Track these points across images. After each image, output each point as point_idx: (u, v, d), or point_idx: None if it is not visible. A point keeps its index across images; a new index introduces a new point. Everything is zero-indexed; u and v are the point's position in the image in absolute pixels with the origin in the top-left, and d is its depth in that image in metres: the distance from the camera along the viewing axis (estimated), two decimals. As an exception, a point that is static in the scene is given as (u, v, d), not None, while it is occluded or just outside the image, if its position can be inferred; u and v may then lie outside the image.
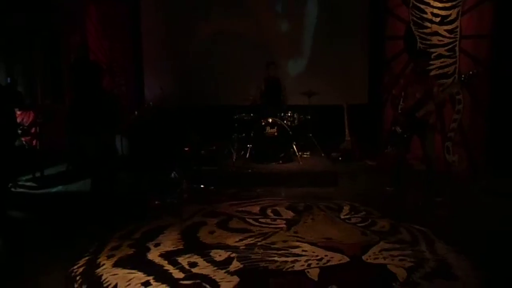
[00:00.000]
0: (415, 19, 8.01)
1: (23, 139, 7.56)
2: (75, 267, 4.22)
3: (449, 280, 3.91)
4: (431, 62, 7.56)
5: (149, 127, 8.59)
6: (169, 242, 4.76)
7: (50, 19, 8.65)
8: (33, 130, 7.73)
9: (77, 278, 4.02)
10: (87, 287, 3.85)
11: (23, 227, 5.54)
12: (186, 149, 8.16)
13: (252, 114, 8.35)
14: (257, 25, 10.01)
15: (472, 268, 4.10)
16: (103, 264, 4.26)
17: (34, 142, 7.75)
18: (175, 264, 4.20)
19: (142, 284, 3.84)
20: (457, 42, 7.73)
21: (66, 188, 7.24)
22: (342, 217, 5.52)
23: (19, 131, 7.17)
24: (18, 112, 7.24)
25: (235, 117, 8.42)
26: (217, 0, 10.12)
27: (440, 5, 7.75)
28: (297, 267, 4.06)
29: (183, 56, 10.16)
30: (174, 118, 9.07)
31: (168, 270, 4.09)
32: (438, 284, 3.84)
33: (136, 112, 5.77)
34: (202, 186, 7.15)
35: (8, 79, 7.93)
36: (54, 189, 7.18)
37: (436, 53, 7.79)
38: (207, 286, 3.76)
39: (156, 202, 6.29)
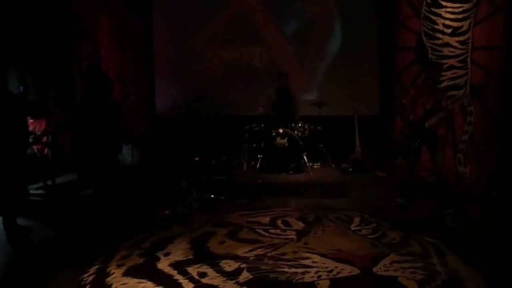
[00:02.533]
0: (426, 30, 8.00)
1: (34, 147, 7.60)
2: (85, 275, 4.23)
3: (460, 293, 3.88)
4: (442, 74, 7.57)
5: (160, 136, 8.62)
6: (179, 251, 4.76)
7: (63, 28, 8.71)
8: (44, 138, 7.77)
9: (87, 286, 4.02)
10: (97, 296, 3.86)
11: (34, 235, 5.55)
12: (197, 158, 8.17)
13: (262, 125, 8.36)
14: (268, 36, 10.02)
15: (483, 281, 4.06)
16: (113, 273, 4.26)
17: (45, 150, 7.78)
18: (184, 274, 4.19)
19: (152, 293, 3.85)
20: (469, 53, 7.71)
21: (76, 197, 7.27)
22: (352, 228, 5.49)
23: (31, 140, 7.21)
24: (30, 121, 7.28)
25: (246, 127, 8.43)
26: (229, 12, 10.13)
27: (452, 16, 7.75)
28: (307, 278, 4.04)
29: (194, 66, 10.20)
30: (185, 128, 9.09)
31: (177, 280, 4.08)
32: (449, 297, 3.81)
33: (145, 126, 5.82)
34: (212, 196, 7.15)
35: (21, 87, 7.98)
36: (65, 198, 7.21)
37: (448, 64, 7.78)
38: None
39: (166, 212, 6.30)
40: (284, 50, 10.07)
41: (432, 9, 7.88)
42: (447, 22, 7.78)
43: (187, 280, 4.06)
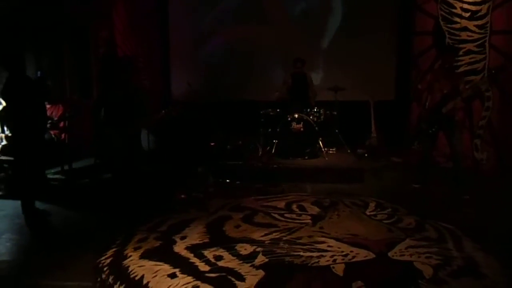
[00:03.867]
0: (444, 14, 7.89)
1: (52, 132, 7.68)
2: (103, 258, 4.29)
3: (476, 278, 3.86)
4: (460, 58, 7.50)
5: (176, 122, 8.66)
6: (195, 235, 4.79)
7: (79, 14, 8.74)
8: (61, 124, 7.85)
9: (105, 269, 4.08)
10: (114, 277, 3.90)
11: (52, 219, 5.63)
12: (212, 144, 8.20)
13: (278, 110, 8.35)
14: (283, 21, 9.98)
15: (500, 267, 4.05)
16: (130, 256, 4.31)
17: (63, 135, 7.86)
18: (201, 257, 4.22)
19: (168, 276, 3.88)
20: (487, 38, 7.60)
21: (94, 181, 7.35)
22: (368, 213, 5.49)
23: (48, 125, 7.29)
24: (48, 106, 7.34)
25: (262, 112, 8.44)
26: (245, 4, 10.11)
27: (470, 0, 7.63)
28: (322, 262, 4.05)
29: (210, 51, 10.20)
30: (201, 113, 9.13)
31: (194, 262, 4.12)
32: (465, 282, 3.79)
33: (163, 111, 5.85)
34: (228, 180, 7.19)
35: (39, 72, 8.05)
36: (82, 182, 7.29)
37: (465, 49, 7.68)
38: (233, 279, 3.78)
39: (183, 196, 6.36)
40: (299, 35, 10.00)
41: (450, -8, 7.78)
42: (465, 6, 7.66)
43: (203, 263, 4.09)
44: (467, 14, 7.67)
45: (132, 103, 5.81)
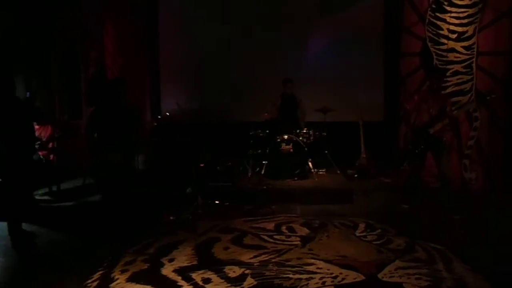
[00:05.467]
0: (431, 35, 7.98)
1: (40, 153, 7.62)
2: (89, 281, 4.23)
3: (466, 299, 3.85)
4: (448, 79, 7.56)
5: (165, 142, 8.65)
6: (183, 257, 4.75)
7: (68, 35, 8.75)
8: (50, 144, 7.80)
9: (91, 292, 4.03)
10: (101, 302, 3.86)
11: (38, 241, 5.56)
12: (202, 165, 8.18)
13: (267, 131, 8.37)
14: (273, 43, 10.03)
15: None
16: (117, 279, 4.26)
17: (51, 156, 7.81)
18: (189, 280, 4.18)
19: (156, 299, 3.84)
20: (474, 59, 7.68)
21: (81, 203, 7.29)
22: (357, 234, 5.47)
23: (37, 146, 7.24)
24: (36, 127, 7.30)
25: (251, 133, 8.45)
26: (234, 19, 10.15)
27: (456, 21, 7.72)
28: (312, 284, 4.02)
29: (200, 72, 10.22)
30: (190, 134, 9.10)
31: (182, 286, 4.08)
32: (455, 303, 3.78)
33: (154, 124, 5.84)
34: (217, 202, 7.14)
35: (28, 93, 8.02)
36: (70, 203, 7.23)
37: (453, 70, 7.75)
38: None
39: (171, 218, 6.31)
40: (289, 57, 10.07)
41: (437, 14, 7.86)
42: (452, 27, 7.75)
43: (191, 286, 4.06)
44: (454, 36, 7.76)
45: (123, 123, 5.80)
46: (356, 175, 8.74)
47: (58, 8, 8.67)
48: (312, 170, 8.09)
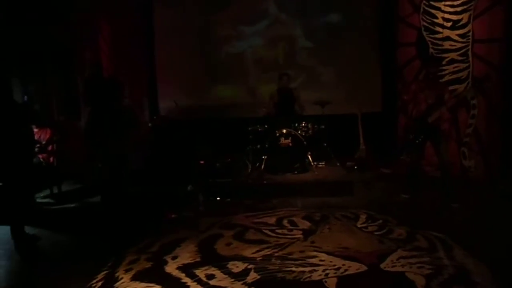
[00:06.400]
0: (426, 24, 7.98)
1: (40, 156, 7.63)
2: (94, 281, 4.26)
3: (468, 286, 3.88)
4: (444, 68, 7.57)
5: (165, 140, 8.66)
6: (186, 254, 4.78)
7: (64, 36, 8.74)
8: (50, 147, 7.80)
9: (96, 292, 4.05)
10: (106, 301, 3.88)
11: (42, 243, 5.58)
12: (202, 162, 8.19)
13: (266, 126, 8.38)
14: (269, 37, 10.05)
15: (491, 274, 4.06)
16: (121, 278, 4.29)
17: (51, 159, 7.82)
18: (192, 276, 4.21)
19: (160, 297, 3.86)
20: (470, 47, 7.68)
21: (83, 204, 7.31)
22: (359, 226, 5.50)
23: (36, 149, 7.26)
24: (35, 130, 7.31)
25: (249, 129, 8.47)
26: (229, 17, 10.15)
27: (451, 9, 7.71)
28: (315, 277, 4.05)
29: (197, 69, 10.23)
30: (189, 131, 9.12)
31: (185, 282, 4.10)
32: (457, 290, 3.81)
33: (150, 124, 5.84)
34: (218, 198, 7.17)
35: (25, 97, 8.02)
36: (71, 205, 7.25)
37: (449, 58, 7.75)
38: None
39: (173, 216, 6.33)
40: (285, 50, 10.08)
41: (431, 2, 7.86)
42: (447, 16, 7.74)
43: (195, 283, 4.08)
44: (449, 24, 7.76)
45: (120, 123, 5.81)
46: (355, 167, 8.73)
47: (53, 10, 8.66)
48: (312, 164, 8.10)
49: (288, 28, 10.10)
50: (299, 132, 8.18)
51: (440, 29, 7.84)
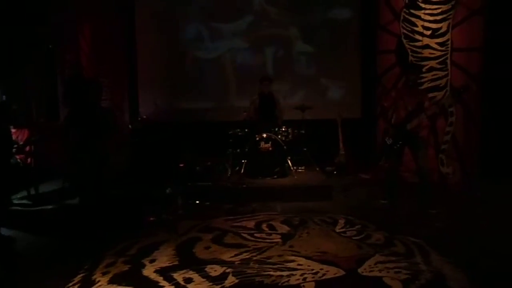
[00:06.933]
0: (406, 32, 8.06)
1: (17, 157, 7.54)
2: (70, 284, 4.21)
3: (444, 291, 3.93)
4: (423, 75, 7.65)
5: (144, 143, 8.61)
6: (164, 258, 4.75)
7: (44, 37, 8.67)
8: (27, 148, 7.72)
9: (72, 295, 4.01)
10: (82, 304, 3.84)
11: (17, 245, 5.50)
12: (181, 165, 8.16)
13: (246, 130, 8.38)
14: (251, 41, 10.07)
15: (466, 279, 4.12)
16: (98, 281, 4.25)
17: (28, 160, 7.73)
18: (170, 280, 4.19)
19: (138, 300, 3.84)
20: (449, 55, 7.78)
21: (61, 206, 7.22)
22: (337, 230, 5.52)
23: (14, 149, 7.17)
24: (13, 130, 7.23)
25: (230, 132, 8.46)
26: (212, 19, 10.14)
27: (431, 18, 7.80)
28: (293, 281, 4.06)
29: (178, 72, 10.20)
30: (169, 134, 9.08)
31: (163, 286, 4.09)
32: (433, 295, 3.85)
33: (130, 126, 5.80)
34: (197, 201, 7.14)
35: (3, 96, 7.93)
36: (48, 207, 7.16)
37: (428, 66, 7.84)
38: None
39: (151, 218, 6.29)
40: (266, 55, 10.11)
41: (411, 11, 7.94)
42: (426, 24, 7.84)
43: (173, 286, 4.07)
44: (428, 32, 7.84)
45: (100, 124, 5.78)
46: (335, 172, 8.78)
47: (33, 10, 8.58)
48: (292, 168, 8.12)
49: (269, 34, 10.08)
50: (279, 136, 8.20)
51: (419, 37, 7.93)
